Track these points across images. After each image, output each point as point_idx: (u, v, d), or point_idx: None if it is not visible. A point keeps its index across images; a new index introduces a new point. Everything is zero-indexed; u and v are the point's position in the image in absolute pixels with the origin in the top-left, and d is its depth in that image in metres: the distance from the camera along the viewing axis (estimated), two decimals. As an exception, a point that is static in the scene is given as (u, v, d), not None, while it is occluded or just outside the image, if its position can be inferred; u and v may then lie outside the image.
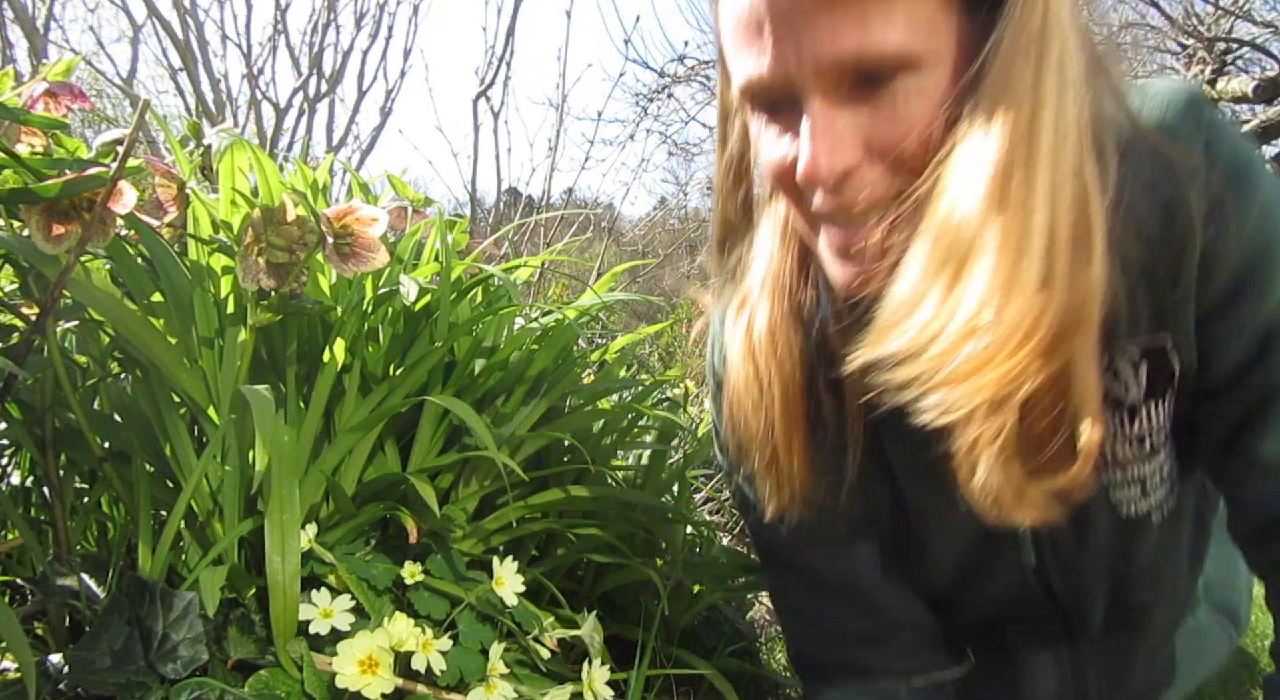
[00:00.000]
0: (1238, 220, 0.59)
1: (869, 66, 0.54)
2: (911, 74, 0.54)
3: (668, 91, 5.38)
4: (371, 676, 0.70)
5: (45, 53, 3.35)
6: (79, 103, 0.81)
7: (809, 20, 0.54)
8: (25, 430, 0.84)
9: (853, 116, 0.56)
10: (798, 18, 0.54)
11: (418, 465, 0.97)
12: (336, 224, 0.81)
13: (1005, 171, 0.53)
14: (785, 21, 0.55)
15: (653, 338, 3.42)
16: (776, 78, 0.57)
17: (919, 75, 0.54)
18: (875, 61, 0.54)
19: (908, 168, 0.57)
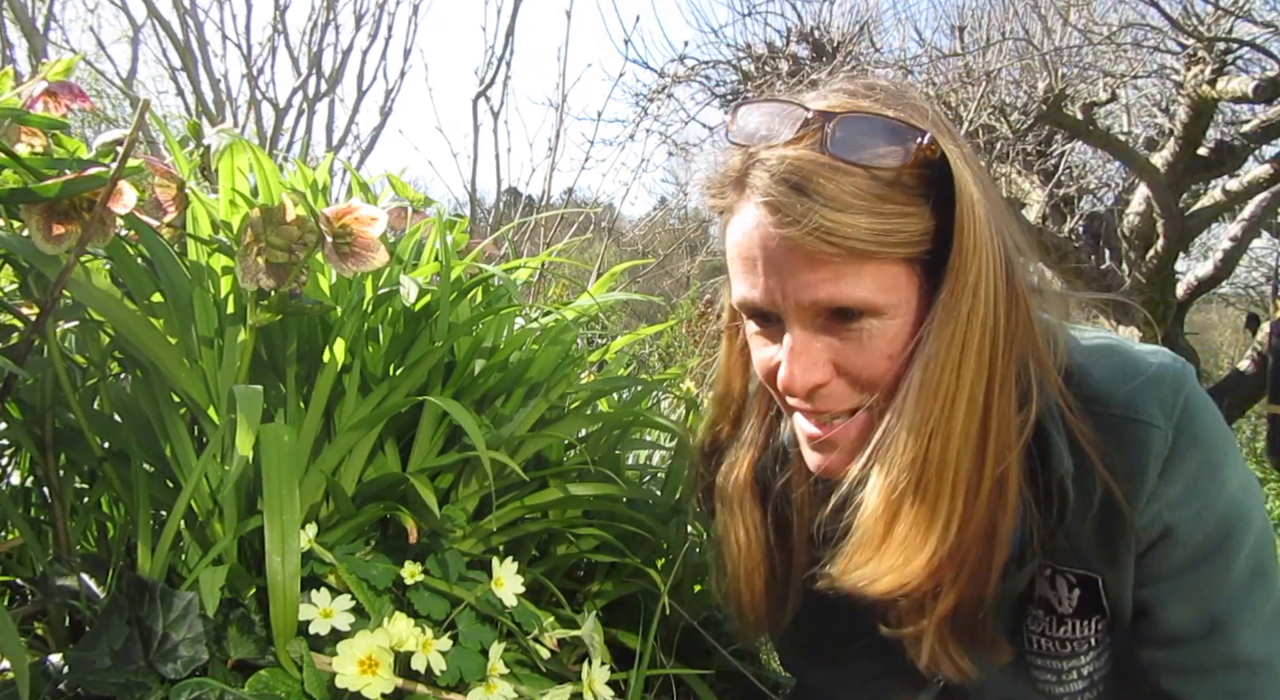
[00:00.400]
0: (1200, 508, 0.71)
1: (839, 308, 0.68)
2: (875, 317, 0.68)
3: (668, 91, 5.38)
4: (371, 676, 0.70)
5: (45, 53, 3.35)
6: (79, 102, 0.81)
7: (793, 269, 0.67)
8: (25, 430, 0.84)
9: (826, 342, 0.70)
10: (784, 266, 0.68)
11: (418, 465, 0.97)
12: (336, 224, 0.81)
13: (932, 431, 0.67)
14: (774, 265, 0.68)
15: (653, 338, 3.42)
16: (765, 303, 0.71)
17: (881, 319, 0.68)
18: (844, 306, 0.67)
19: (869, 386, 0.71)
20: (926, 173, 0.68)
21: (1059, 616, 0.79)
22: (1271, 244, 6.98)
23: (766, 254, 0.69)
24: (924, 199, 0.68)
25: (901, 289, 0.68)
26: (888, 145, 0.67)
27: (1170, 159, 4.15)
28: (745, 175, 0.71)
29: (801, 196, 0.65)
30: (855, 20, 5.17)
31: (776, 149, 0.69)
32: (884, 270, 0.67)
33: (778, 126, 0.70)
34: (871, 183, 0.66)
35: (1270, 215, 4.98)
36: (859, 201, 0.65)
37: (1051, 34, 4.45)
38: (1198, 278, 5.02)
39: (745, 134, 0.72)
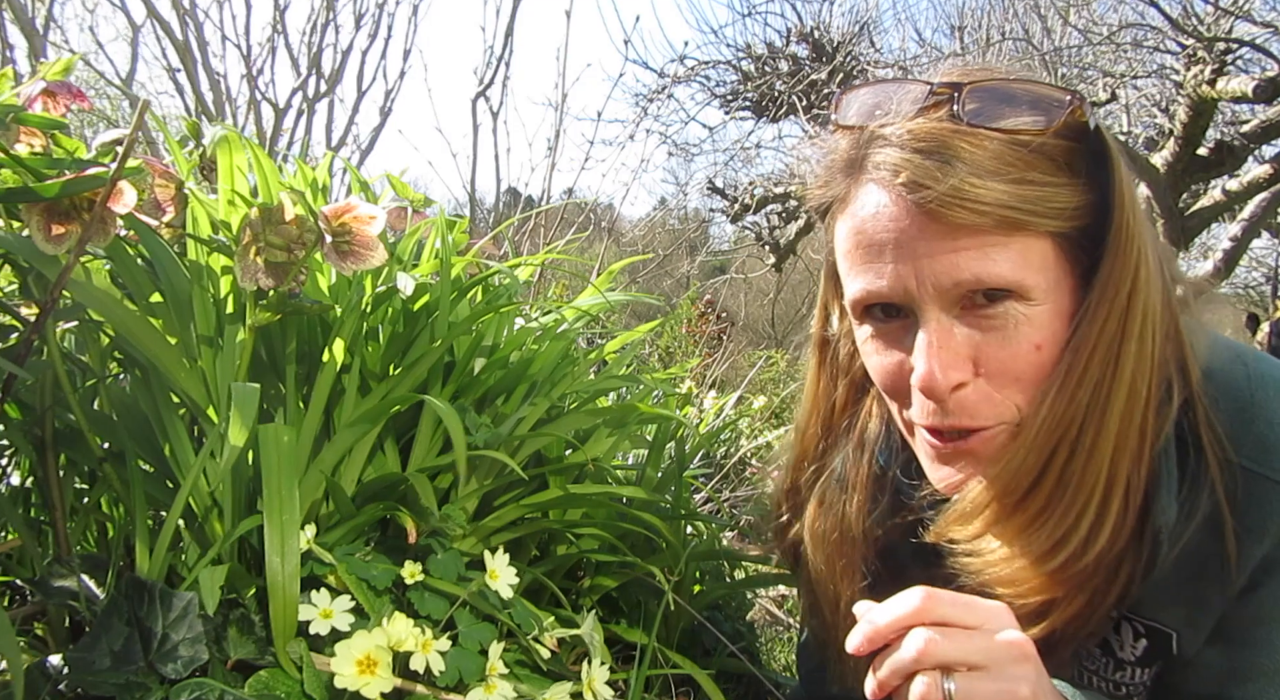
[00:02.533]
0: None
1: (984, 289, 0.60)
2: (1021, 301, 0.61)
3: (668, 92, 5.38)
4: (370, 676, 0.70)
5: (44, 53, 3.35)
6: (77, 102, 0.81)
7: (930, 248, 0.60)
8: (25, 431, 0.84)
9: (967, 334, 0.62)
10: (920, 245, 0.60)
11: (417, 465, 0.97)
12: (335, 222, 0.81)
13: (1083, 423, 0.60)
14: (907, 246, 0.61)
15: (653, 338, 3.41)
16: (895, 292, 0.63)
17: (1028, 304, 0.61)
18: (989, 286, 0.60)
19: (1013, 384, 0.62)
20: (1074, 145, 0.61)
21: (1118, 661, 0.72)
22: (1271, 244, 6.98)
23: (897, 234, 0.61)
24: (1071, 171, 0.61)
25: (1050, 269, 0.61)
26: (1030, 113, 0.60)
27: (1170, 159, 4.15)
28: (864, 155, 0.64)
29: (939, 162, 0.59)
30: (855, 20, 5.18)
31: (899, 124, 0.62)
32: (1031, 246, 0.60)
33: (898, 102, 0.63)
34: (1014, 149, 0.59)
35: (1270, 215, 4.98)
36: (1003, 167, 0.59)
37: (1051, 34, 4.46)
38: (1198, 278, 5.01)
39: (858, 115, 0.65)
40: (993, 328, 0.61)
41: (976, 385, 0.63)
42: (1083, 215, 0.61)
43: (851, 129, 0.66)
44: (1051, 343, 0.62)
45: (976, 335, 0.62)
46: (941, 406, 0.63)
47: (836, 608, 0.78)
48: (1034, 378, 0.62)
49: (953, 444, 0.65)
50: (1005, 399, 0.63)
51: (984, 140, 0.60)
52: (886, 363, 0.67)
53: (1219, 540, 0.62)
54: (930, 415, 0.64)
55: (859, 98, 0.66)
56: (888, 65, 4.96)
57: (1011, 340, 0.61)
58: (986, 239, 0.59)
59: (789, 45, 5.31)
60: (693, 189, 6.14)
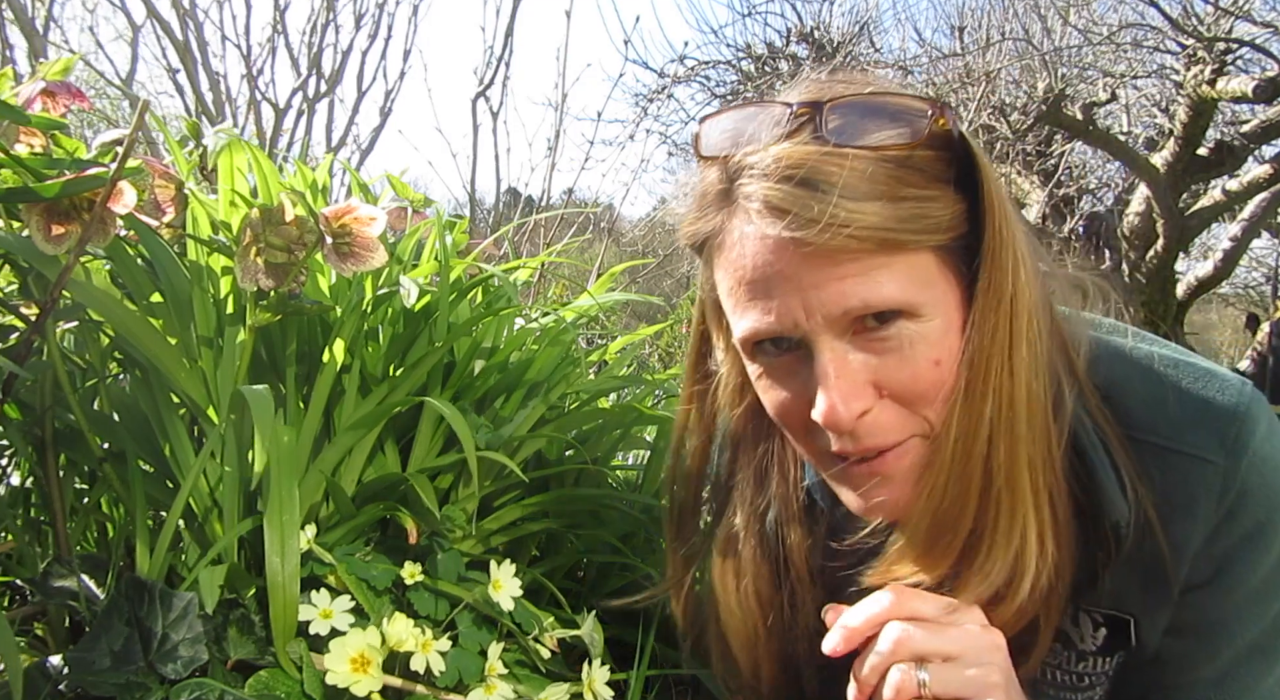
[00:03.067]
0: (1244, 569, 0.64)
1: (874, 313, 0.59)
2: (912, 320, 0.60)
3: (668, 92, 5.38)
4: (362, 675, 0.70)
5: (45, 53, 3.35)
6: (77, 102, 0.81)
7: (815, 279, 0.59)
8: (25, 431, 0.84)
9: (863, 359, 0.61)
10: (803, 276, 0.59)
11: (417, 466, 0.97)
12: (335, 223, 0.81)
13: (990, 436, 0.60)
14: (789, 279, 0.59)
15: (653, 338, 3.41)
16: (785, 327, 0.61)
17: (919, 321, 0.60)
18: (880, 309, 0.59)
19: (917, 403, 0.62)
20: (941, 153, 0.61)
21: (1079, 652, 0.71)
22: (1271, 244, 6.98)
23: (778, 268, 0.60)
24: (943, 181, 0.60)
25: (936, 283, 0.60)
26: (893, 126, 0.59)
27: (1170, 159, 4.15)
28: (732, 187, 0.62)
29: (810, 190, 0.57)
30: (855, 20, 5.18)
31: (765, 150, 0.60)
32: (915, 262, 0.59)
33: (758, 127, 0.61)
34: (884, 166, 0.58)
35: (1270, 215, 4.99)
36: (876, 187, 0.57)
37: (1051, 34, 4.46)
38: (1198, 278, 5.02)
39: (721, 144, 0.63)
40: (888, 350, 0.60)
41: (882, 407, 0.62)
42: (959, 224, 0.61)
43: (716, 159, 0.64)
44: (948, 356, 0.61)
45: (873, 359, 0.61)
46: (849, 434, 0.62)
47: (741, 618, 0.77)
48: (937, 393, 0.61)
49: (865, 466, 0.64)
50: (912, 415, 0.62)
51: (852, 160, 0.58)
52: (783, 397, 0.65)
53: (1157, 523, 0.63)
54: (839, 441, 0.63)
55: (719, 125, 0.64)
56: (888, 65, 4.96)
57: (909, 360, 0.60)
58: (869, 262, 0.58)
59: (789, 45, 5.32)
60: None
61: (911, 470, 0.63)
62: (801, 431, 0.66)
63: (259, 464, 0.73)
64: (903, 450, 0.63)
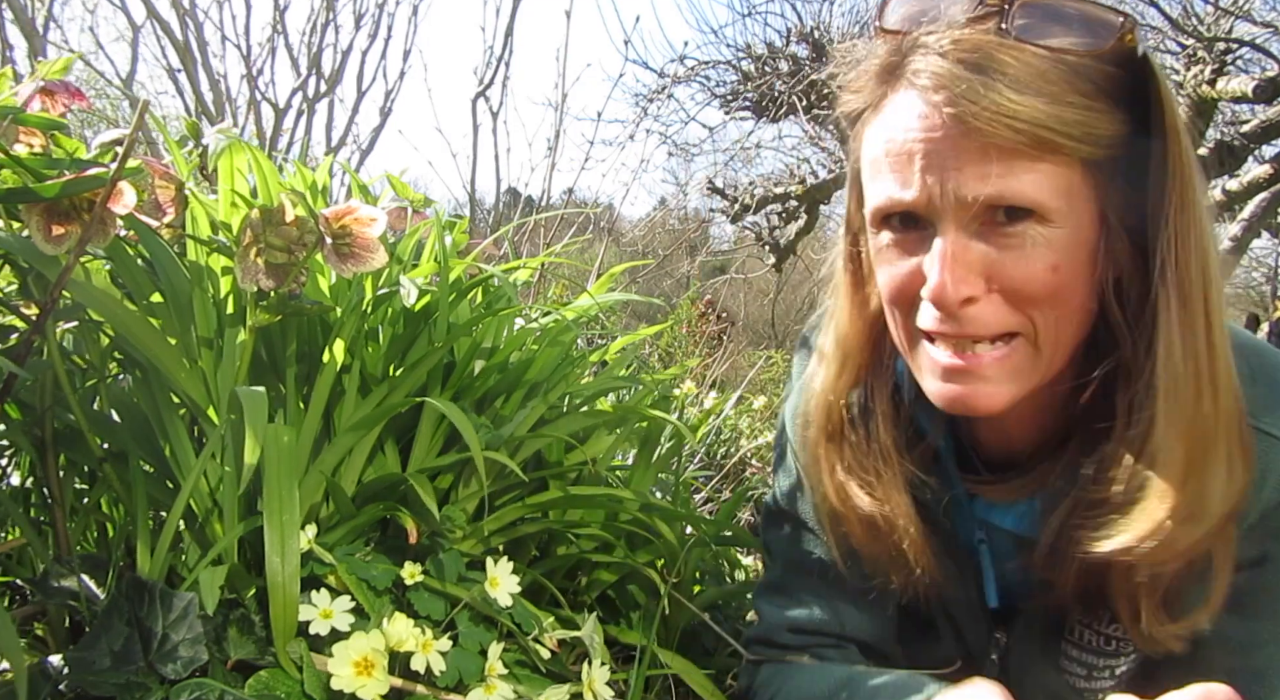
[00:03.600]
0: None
1: (1005, 207, 0.60)
2: (1041, 224, 0.60)
3: (668, 92, 5.38)
4: (367, 678, 0.70)
5: (44, 53, 3.35)
6: (76, 101, 0.81)
7: (960, 161, 0.59)
8: (25, 431, 0.84)
9: (983, 250, 0.61)
10: (950, 157, 0.60)
11: (417, 466, 0.97)
12: (335, 224, 0.81)
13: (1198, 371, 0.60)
14: (937, 157, 0.60)
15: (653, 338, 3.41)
16: (919, 202, 0.62)
17: (1047, 227, 0.60)
18: (1011, 204, 0.59)
19: (1026, 303, 0.62)
20: (1120, 73, 0.60)
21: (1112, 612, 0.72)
22: (1271, 244, 6.99)
23: (930, 145, 0.60)
24: (1112, 99, 0.60)
25: (1075, 195, 0.60)
26: (1079, 33, 0.59)
27: (1170, 159, 4.14)
28: (903, 62, 0.62)
29: (980, 75, 0.57)
30: (855, 20, 5.18)
31: (944, 33, 0.60)
32: (1060, 170, 0.59)
33: (946, 9, 0.61)
34: (1058, 68, 0.58)
35: (1270, 215, 4.98)
36: (1045, 85, 0.58)
37: (1051, 34, 4.45)
38: (1197, 278, 5.01)
39: (904, 19, 0.63)
40: (1009, 246, 0.61)
41: (989, 300, 0.62)
42: (1116, 144, 0.61)
43: (893, 33, 0.64)
44: (1069, 265, 0.61)
45: (993, 252, 0.61)
46: (952, 317, 0.63)
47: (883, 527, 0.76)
48: (1047, 298, 0.62)
49: (965, 359, 0.64)
50: (1017, 313, 0.63)
51: (1029, 56, 0.58)
52: (899, 271, 0.66)
53: None
54: (939, 322, 0.64)
55: (905, 2, 0.65)
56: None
57: (1027, 259, 0.61)
58: (1015, 161, 0.58)
59: (789, 45, 5.32)
60: (693, 189, 6.15)
61: (1004, 374, 0.64)
62: (908, 309, 0.67)
63: (250, 457, 0.73)
64: (1002, 355, 0.63)
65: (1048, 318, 0.63)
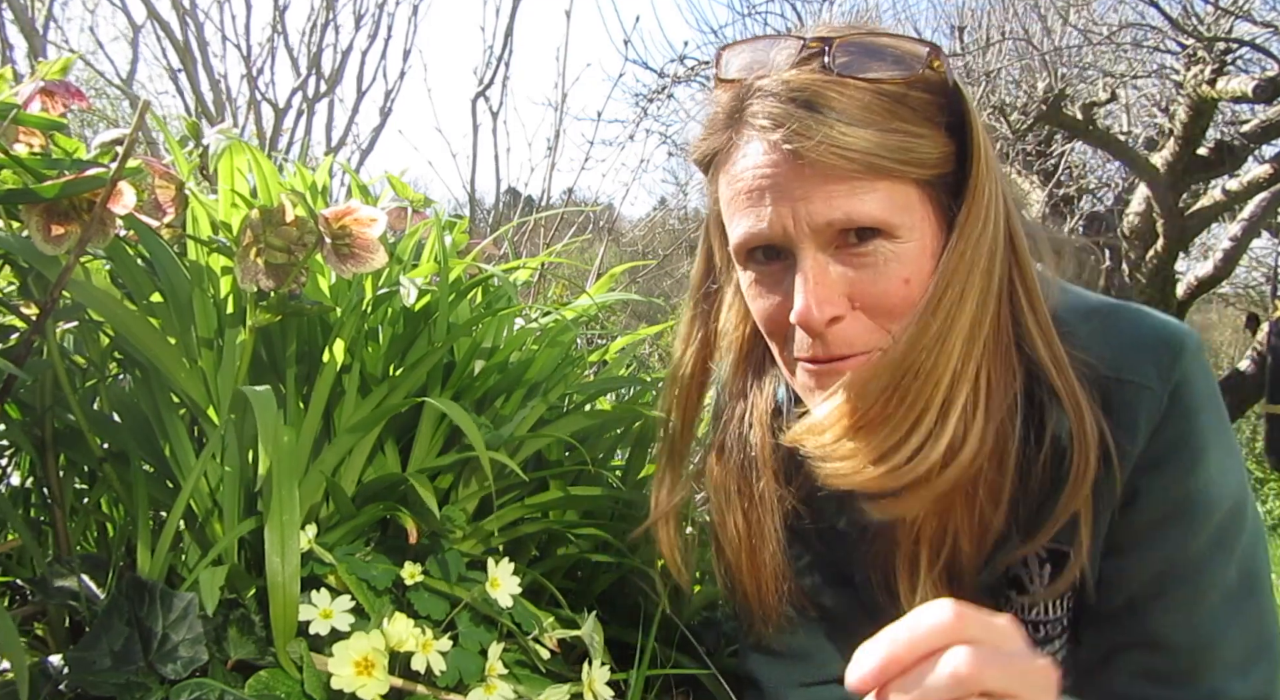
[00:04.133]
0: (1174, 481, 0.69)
1: (855, 226, 0.65)
2: (889, 240, 0.66)
3: (668, 92, 5.38)
4: (367, 678, 0.70)
5: (44, 53, 3.35)
6: (76, 101, 0.81)
7: (806, 191, 0.65)
8: (25, 431, 0.84)
9: (841, 271, 0.67)
10: (796, 188, 0.65)
11: (417, 466, 0.97)
12: (335, 225, 0.81)
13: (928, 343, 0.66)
14: (784, 191, 0.66)
15: (653, 338, 3.41)
16: (774, 233, 0.67)
17: (896, 242, 0.66)
18: (859, 224, 0.65)
19: (886, 316, 0.68)
20: (935, 98, 0.67)
21: (1030, 596, 0.76)
22: (1271, 244, 6.98)
23: (776, 180, 0.66)
24: (934, 123, 0.67)
25: (915, 210, 0.66)
26: (893, 65, 0.66)
27: (1170, 159, 4.15)
28: (743, 106, 0.68)
29: (811, 111, 0.63)
30: (855, 20, 5.17)
31: (775, 75, 0.66)
32: (898, 189, 0.65)
33: (774, 56, 0.68)
34: (880, 99, 0.65)
35: (1270, 215, 4.99)
36: (870, 115, 0.64)
37: (1051, 34, 4.46)
38: (1198, 278, 5.03)
39: (739, 69, 0.69)
40: (864, 265, 0.66)
41: (853, 317, 0.68)
42: (944, 163, 0.67)
43: (732, 82, 0.70)
44: (918, 277, 0.67)
45: (850, 272, 0.67)
46: (819, 339, 0.68)
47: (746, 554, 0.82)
48: (904, 309, 0.67)
49: (827, 365, 0.69)
50: (878, 328, 0.68)
51: (852, 90, 0.64)
52: (768, 304, 0.71)
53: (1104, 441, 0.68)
54: (809, 348, 0.69)
55: (740, 54, 0.71)
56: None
57: (882, 276, 0.66)
58: (855, 184, 0.64)
59: (789, 45, 5.30)
60: (693, 189, 6.15)
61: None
62: (781, 337, 0.73)
63: (261, 465, 0.73)
64: (863, 359, 0.69)
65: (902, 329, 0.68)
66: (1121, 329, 0.71)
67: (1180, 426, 0.68)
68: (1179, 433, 0.68)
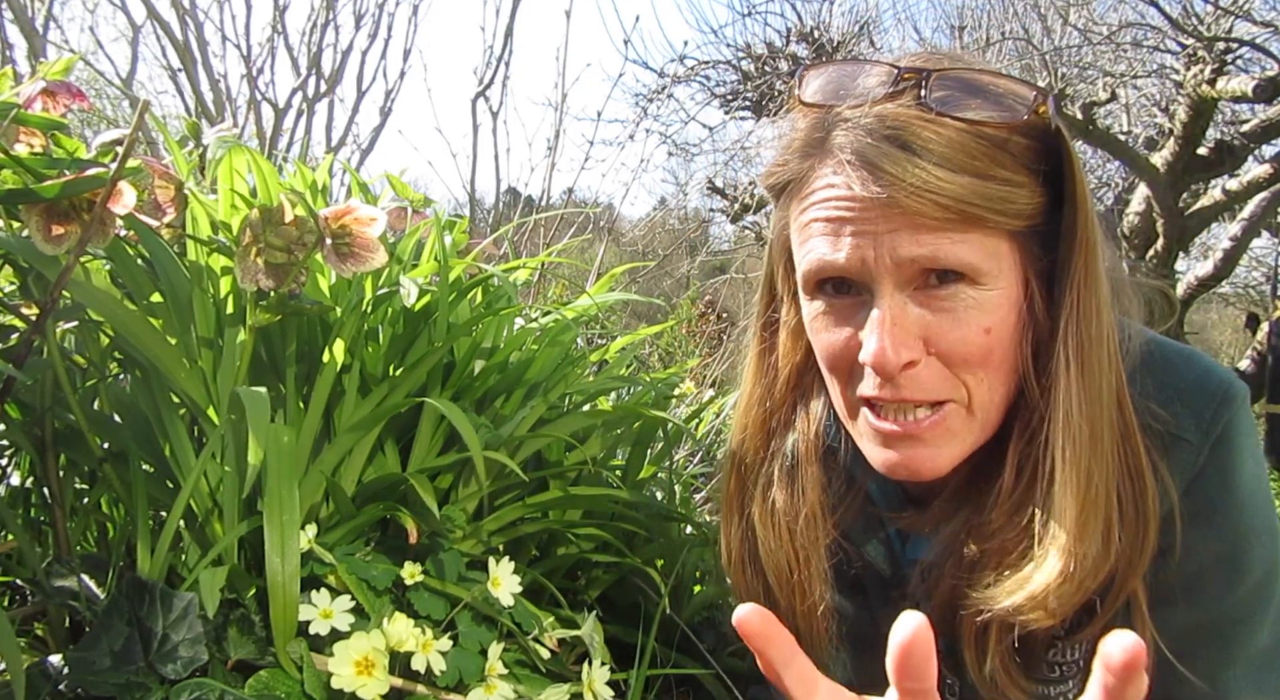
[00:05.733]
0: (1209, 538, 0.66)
1: (939, 268, 0.61)
2: (972, 286, 0.61)
3: (667, 92, 5.38)
4: (368, 677, 0.70)
5: (44, 53, 3.35)
6: (77, 102, 0.81)
7: (890, 227, 0.60)
8: (25, 431, 0.84)
9: (919, 313, 0.62)
10: (881, 224, 0.61)
11: (417, 466, 0.97)
12: (335, 224, 0.81)
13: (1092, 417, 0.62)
14: (868, 224, 0.61)
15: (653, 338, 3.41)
16: (851, 266, 0.62)
17: (979, 288, 0.62)
18: (944, 267, 0.61)
19: (962, 365, 0.63)
20: (1035, 144, 0.62)
21: (1052, 637, 0.72)
22: (1271, 244, 6.98)
23: (860, 214, 0.61)
24: (1031, 170, 0.62)
25: (1004, 258, 0.62)
26: (996, 107, 0.60)
27: (1170, 159, 4.15)
28: (828, 136, 0.63)
29: (904, 150, 0.59)
30: (855, 20, 5.18)
31: (864, 107, 0.61)
32: (988, 238, 0.61)
33: (864, 83, 0.63)
34: (979, 142, 0.60)
35: (1270, 215, 4.98)
36: (967, 160, 0.59)
37: (1051, 34, 4.45)
38: (1198, 277, 5.02)
39: (823, 93, 0.64)
40: (943, 309, 0.62)
41: (927, 363, 0.63)
42: (1037, 214, 0.63)
43: (814, 107, 0.65)
44: (1000, 327, 0.63)
45: (928, 315, 0.62)
46: (890, 382, 0.64)
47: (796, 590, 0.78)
48: (982, 360, 0.63)
49: (905, 425, 0.65)
50: (953, 377, 0.64)
51: (949, 131, 0.59)
52: (835, 339, 0.66)
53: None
54: (879, 388, 0.64)
55: (823, 76, 0.66)
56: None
57: (961, 322, 0.62)
58: (944, 227, 0.60)
59: (789, 45, 5.31)
60: (693, 189, 6.14)
61: (944, 436, 0.65)
62: (845, 376, 0.67)
63: (252, 462, 0.73)
64: (939, 418, 0.64)
65: (980, 380, 0.64)
66: (1165, 378, 0.67)
67: (1218, 482, 0.65)
68: (1216, 488, 0.65)
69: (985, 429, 0.67)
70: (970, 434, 0.66)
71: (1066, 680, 0.74)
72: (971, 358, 0.63)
